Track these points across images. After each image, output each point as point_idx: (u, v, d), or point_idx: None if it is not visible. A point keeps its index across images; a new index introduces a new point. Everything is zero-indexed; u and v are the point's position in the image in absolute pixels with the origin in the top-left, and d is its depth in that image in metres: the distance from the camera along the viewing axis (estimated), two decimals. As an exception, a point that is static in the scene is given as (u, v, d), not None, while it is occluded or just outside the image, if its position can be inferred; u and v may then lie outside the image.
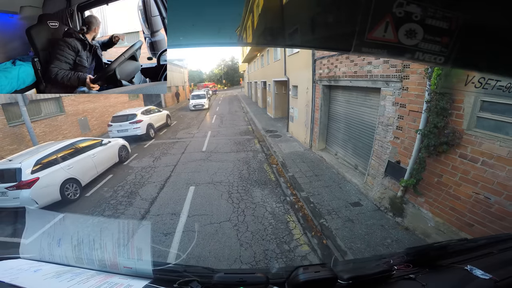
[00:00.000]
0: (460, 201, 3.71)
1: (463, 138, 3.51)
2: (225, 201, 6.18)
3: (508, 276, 1.09)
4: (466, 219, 3.65)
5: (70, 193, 6.70)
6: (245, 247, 4.49)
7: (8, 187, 5.72)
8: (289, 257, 4.26)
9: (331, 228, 4.79)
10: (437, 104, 3.52)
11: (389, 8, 0.72)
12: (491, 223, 3.33)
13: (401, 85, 4.43)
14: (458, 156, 3.61)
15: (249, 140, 12.17)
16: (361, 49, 0.79)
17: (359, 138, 6.60)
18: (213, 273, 1.23)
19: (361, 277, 1.15)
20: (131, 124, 12.17)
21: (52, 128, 11.48)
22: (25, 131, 9.46)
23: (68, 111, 12.53)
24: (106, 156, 8.52)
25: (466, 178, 3.57)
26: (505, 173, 3.12)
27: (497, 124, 3.22)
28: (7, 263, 1.34)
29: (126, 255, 1.20)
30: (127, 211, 6.07)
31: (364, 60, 5.42)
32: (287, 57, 12.08)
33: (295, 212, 5.62)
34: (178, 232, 5.04)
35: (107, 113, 15.62)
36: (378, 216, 5.04)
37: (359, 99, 6.36)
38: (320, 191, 6.26)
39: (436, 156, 3.85)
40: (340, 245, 4.32)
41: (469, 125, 3.45)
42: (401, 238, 4.32)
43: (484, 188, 3.38)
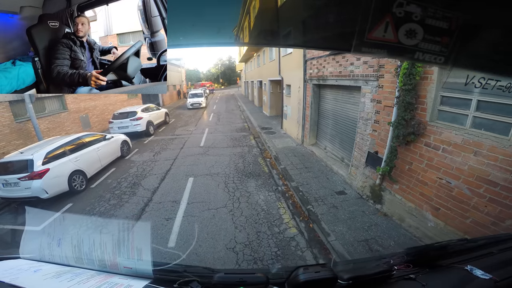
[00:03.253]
0: (427, 186, 4.21)
1: (427, 129, 4.05)
2: (221, 190, 6.71)
3: (508, 276, 1.08)
4: (433, 203, 4.13)
5: (77, 184, 7.17)
6: (240, 229, 5.00)
7: (21, 177, 6.16)
8: (278, 238, 4.76)
9: (317, 213, 5.32)
10: (404, 99, 4.07)
11: (389, 8, 0.73)
12: (454, 206, 3.79)
13: (377, 84, 4.99)
14: (424, 144, 4.14)
15: (245, 137, 12.72)
16: (361, 49, 0.80)
17: (345, 133, 7.16)
18: (213, 273, 1.23)
19: (361, 277, 1.15)
20: (132, 121, 12.71)
21: (55, 124, 11.96)
22: (30, 127, 9.91)
23: (71, 108, 13.01)
24: (109, 150, 9.02)
25: (431, 164, 4.08)
26: (460, 159, 3.63)
27: (453, 116, 3.77)
28: (7, 263, 1.34)
29: (126, 255, 1.21)
30: (131, 199, 6.56)
31: (347, 61, 5.97)
32: (281, 58, 12.61)
33: (285, 200, 6.15)
34: (178, 217, 5.54)
35: (107, 111, 16.09)
36: (360, 203, 5.59)
37: (344, 97, 6.92)
38: (309, 181, 6.81)
39: (406, 145, 4.40)
40: (324, 228, 4.84)
41: (431, 117, 4.00)
42: (379, 223, 4.84)
43: (445, 173, 3.87)
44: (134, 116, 12.86)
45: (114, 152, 9.45)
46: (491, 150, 3.25)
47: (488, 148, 3.28)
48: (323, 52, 7.30)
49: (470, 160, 3.50)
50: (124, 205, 6.34)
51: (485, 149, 3.31)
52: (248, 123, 16.38)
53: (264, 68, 18.74)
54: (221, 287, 1.14)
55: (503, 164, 3.14)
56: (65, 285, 1.07)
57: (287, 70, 11.81)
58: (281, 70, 12.85)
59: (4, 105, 9.25)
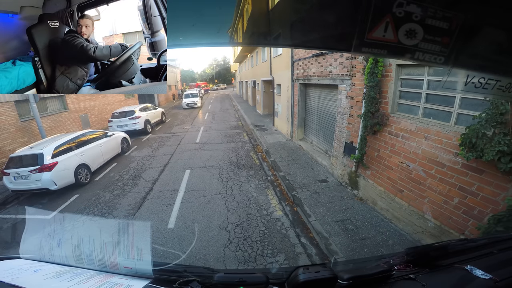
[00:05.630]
0: (392, 170, 4.84)
1: (389, 119, 4.74)
2: (216, 180, 7.37)
3: (508, 276, 1.09)
4: (398, 185, 4.72)
5: (82, 177, 7.76)
6: (232, 212, 5.64)
7: (32, 170, 6.72)
8: (266, 219, 5.39)
9: (300, 198, 5.98)
10: (369, 95, 4.78)
11: (389, 8, 0.73)
12: (414, 188, 4.37)
13: (351, 82, 5.70)
14: (387, 133, 4.83)
15: (238, 134, 13.43)
16: (361, 49, 0.81)
17: (327, 127, 7.88)
18: (213, 273, 1.24)
19: (361, 277, 1.16)
20: (130, 120, 13.37)
21: (57, 123, 12.54)
22: (34, 126, 10.45)
23: (71, 108, 13.60)
24: (110, 146, 9.65)
25: (394, 150, 4.75)
26: (415, 144, 4.28)
27: (409, 107, 4.47)
28: (7, 263, 1.34)
29: (126, 255, 1.21)
30: (133, 189, 7.18)
31: (327, 62, 6.69)
32: (272, 59, 13.30)
33: (273, 188, 6.83)
34: (177, 203, 6.17)
35: (105, 110, 16.67)
36: (340, 190, 6.28)
37: (325, 94, 7.66)
38: (295, 171, 7.50)
39: (373, 135, 5.10)
40: (306, 210, 5.49)
41: (392, 109, 4.70)
42: (355, 206, 5.48)
43: (405, 157, 4.52)
44: (133, 115, 13.54)
45: (115, 148, 10.07)
46: (437, 135, 3.88)
47: (435, 133, 3.91)
48: (308, 54, 8.02)
49: (422, 145, 4.14)
50: (127, 194, 6.95)
51: (433, 134, 3.95)
52: (242, 121, 17.10)
53: (257, 69, 19.35)
54: (221, 287, 1.15)
55: (447, 147, 3.76)
56: (65, 285, 1.08)
57: (277, 71, 12.52)
58: (272, 70, 13.53)
59: (10, 105, 9.81)
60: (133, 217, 5.73)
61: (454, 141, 3.57)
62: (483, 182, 3.30)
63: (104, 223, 1.37)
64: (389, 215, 4.92)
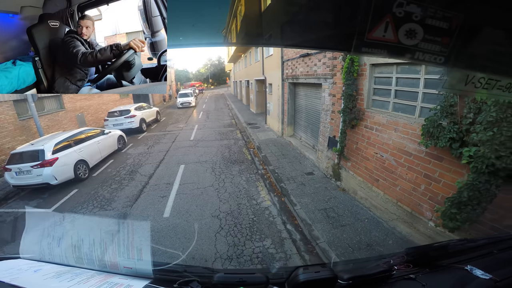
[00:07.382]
0: (369, 161, 5.29)
1: (365, 114, 5.22)
2: (209, 174, 7.80)
3: (508, 276, 1.09)
4: (374, 175, 5.16)
5: (81, 172, 8.11)
6: (223, 202, 6.06)
7: (33, 165, 7.05)
8: (255, 208, 5.81)
9: (287, 189, 6.43)
10: (347, 92, 5.26)
11: (389, 8, 0.74)
12: (387, 176, 4.80)
13: (332, 80, 6.18)
14: (364, 127, 5.31)
15: (231, 131, 13.87)
16: (361, 49, 0.81)
17: (314, 124, 8.36)
18: (213, 273, 1.24)
19: (361, 277, 1.16)
20: (126, 119, 13.74)
21: (54, 122, 12.82)
22: (32, 125, 10.74)
23: (68, 107, 13.87)
24: (108, 143, 10.03)
25: (370, 142, 5.21)
26: (387, 135, 4.74)
27: (382, 103, 4.95)
28: (7, 263, 1.35)
29: (126, 255, 1.21)
30: (130, 183, 7.57)
31: (312, 62, 7.17)
32: (264, 59, 13.73)
33: (263, 180, 7.28)
34: (172, 195, 6.58)
35: (100, 110, 16.94)
36: (324, 181, 6.74)
37: (312, 93, 8.15)
38: (284, 165, 7.96)
39: (352, 128, 5.58)
40: (293, 200, 5.92)
41: (367, 105, 5.18)
42: (338, 196, 5.91)
43: (379, 148, 4.98)
44: (128, 114, 13.89)
45: (112, 146, 10.44)
46: (404, 126, 4.33)
47: (403, 125, 4.36)
48: (296, 54, 8.49)
49: (393, 136, 4.59)
50: (125, 188, 7.32)
51: (401, 126, 4.40)
52: (236, 119, 17.55)
53: (251, 69, 19.73)
54: (221, 287, 1.15)
55: (413, 137, 4.20)
56: (65, 285, 1.08)
57: (269, 70, 12.97)
58: (264, 70, 13.97)
59: (9, 104, 10.10)
60: (130, 208, 6.11)
61: (418, 132, 3.97)
62: (444, 169, 3.71)
63: (104, 223, 1.37)
64: (367, 203, 5.34)
